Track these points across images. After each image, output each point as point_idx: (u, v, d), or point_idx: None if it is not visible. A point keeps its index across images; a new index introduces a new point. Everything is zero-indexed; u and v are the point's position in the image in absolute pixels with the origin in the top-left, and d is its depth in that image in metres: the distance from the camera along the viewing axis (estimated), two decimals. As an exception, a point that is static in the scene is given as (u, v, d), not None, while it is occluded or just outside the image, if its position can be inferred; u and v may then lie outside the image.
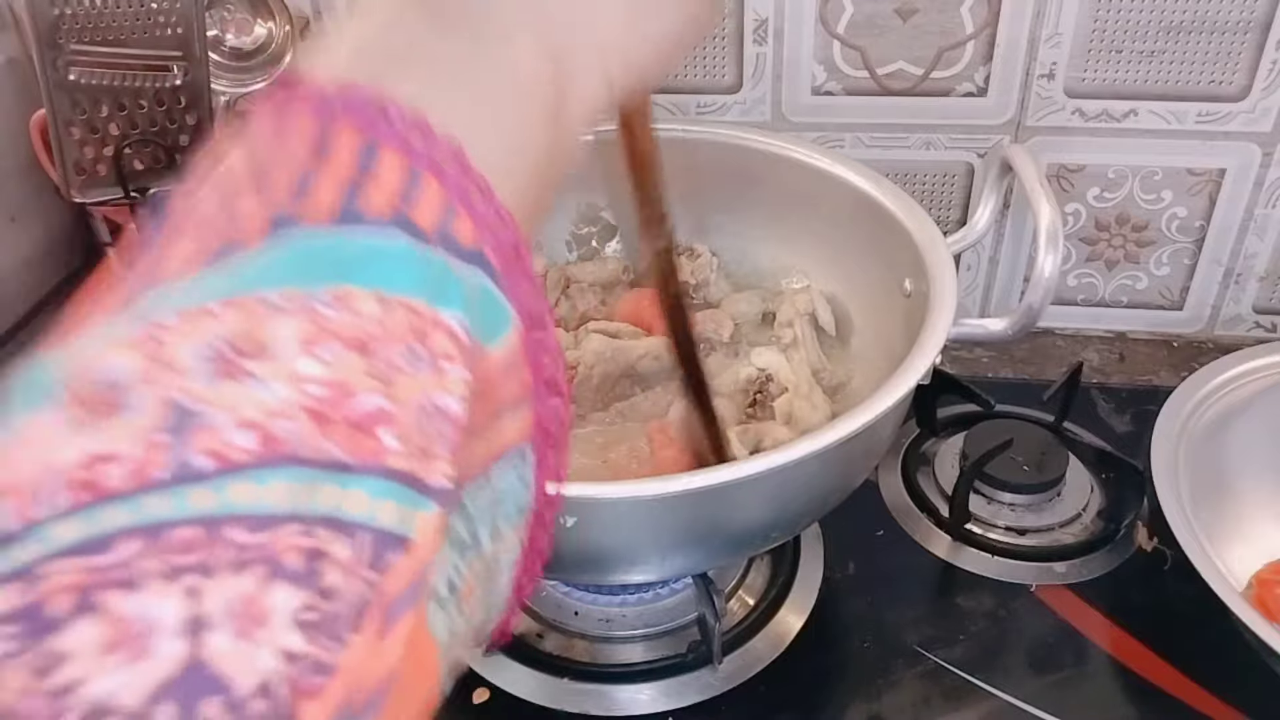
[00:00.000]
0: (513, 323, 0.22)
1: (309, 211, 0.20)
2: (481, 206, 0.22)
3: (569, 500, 0.44)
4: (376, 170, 0.21)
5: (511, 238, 0.23)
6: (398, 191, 0.21)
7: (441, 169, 0.21)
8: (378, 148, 0.21)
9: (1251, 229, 0.78)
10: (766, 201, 0.71)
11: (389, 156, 0.21)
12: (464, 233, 0.21)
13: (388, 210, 0.20)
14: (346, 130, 0.21)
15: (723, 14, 0.29)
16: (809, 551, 0.65)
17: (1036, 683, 0.57)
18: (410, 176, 0.21)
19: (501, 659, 0.59)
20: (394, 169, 0.21)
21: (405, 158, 0.21)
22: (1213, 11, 0.70)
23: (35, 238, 0.74)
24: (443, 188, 0.21)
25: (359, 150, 0.21)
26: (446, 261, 0.21)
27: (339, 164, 0.21)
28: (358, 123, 0.21)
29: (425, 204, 0.21)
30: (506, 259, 0.22)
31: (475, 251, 0.21)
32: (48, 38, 0.65)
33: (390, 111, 0.22)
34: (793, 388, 0.61)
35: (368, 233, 0.20)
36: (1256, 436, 0.64)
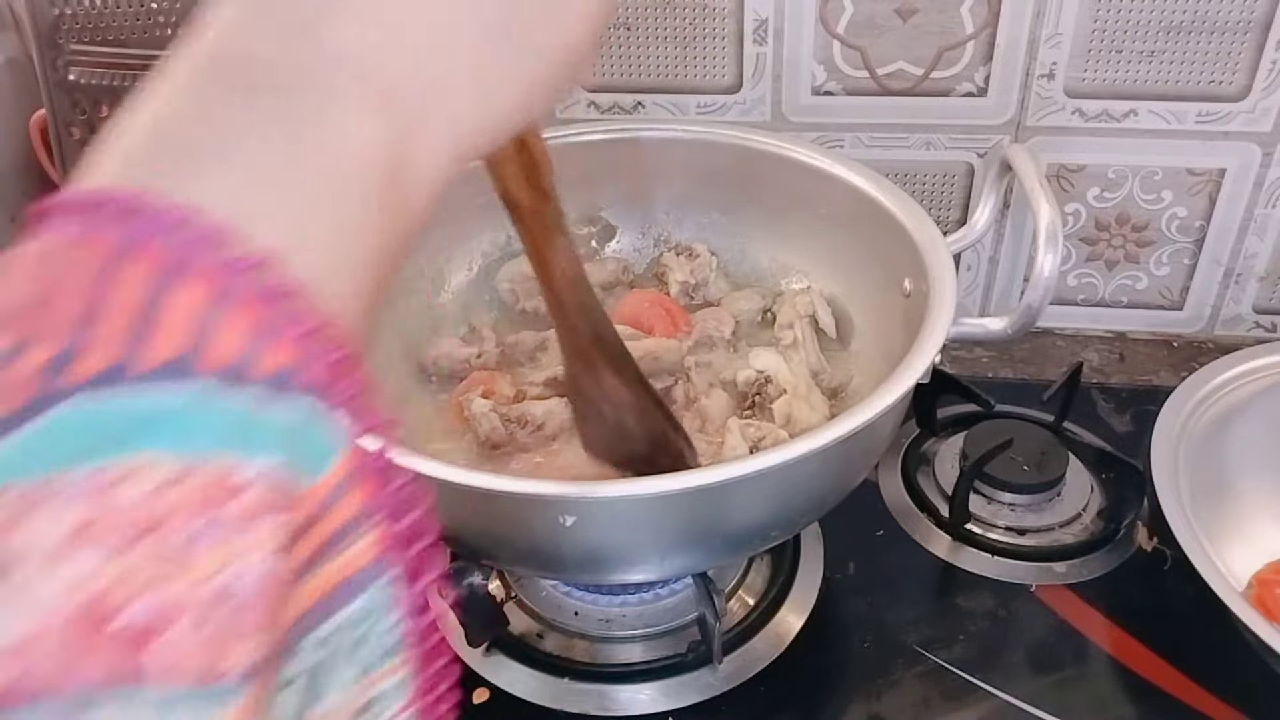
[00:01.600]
0: (343, 443, 0.20)
1: (83, 368, 0.17)
2: (299, 322, 0.19)
3: (569, 499, 0.44)
4: (169, 304, 0.18)
5: (337, 349, 0.20)
6: (193, 328, 0.18)
7: (248, 290, 0.19)
8: (171, 275, 0.18)
9: (1251, 229, 0.78)
10: (766, 201, 0.71)
11: (185, 285, 0.18)
12: (276, 360, 0.19)
13: (180, 354, 0.18)
14: (132, 256, 0.18)
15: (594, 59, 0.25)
16: (809, 551, 0.65)
17: (1036, 683, 0.57)
18: (210, 305, 0.18)
19: (501, 659, 0.59)
20: (190, 299, 0.18)
21: (204, 283, 0.18)
22: (1213, 11, 0.70)
23: (35, 238, 0.74)
24: (249, 313, 0.19)
25: (148, 281, 0.18)
26: (252, 401, 0.18)
27: (122, 302, 0.18)
28: (147, 244, 0.18)
29: (226, 337, 0.18)
30: (332, 374, 0.20)
31: (288, 376, 0.19)
32: (48, 38, 0.65)
33: (188, 225, 0.19)
34: (791, 389, 0.61)
35: (155, 387, 0.17)
36: (1256, 436, 0.64)
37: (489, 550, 0.53)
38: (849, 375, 0.65)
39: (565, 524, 0.45)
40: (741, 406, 0.62)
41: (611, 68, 0.78)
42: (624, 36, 0.77)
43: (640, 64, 0.78)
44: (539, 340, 0.67)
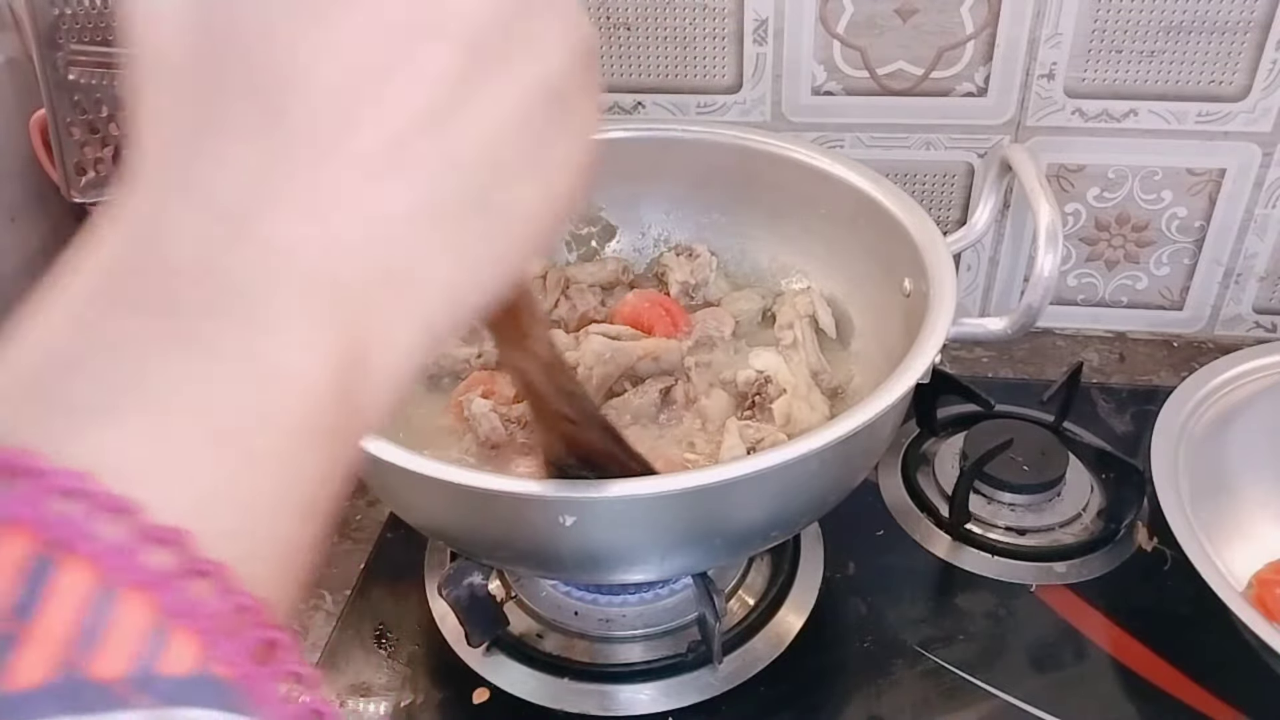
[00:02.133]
0: None
1: None
2: (211, 606, 0.16)
3: (569, 500, 0.44)
4: (42, 603, 0.15)
5: (259, 633, 0.17)
6: (73, 634, 0.15)
7: (149, 575, 0.16)
8: (51, 562, 0.15)
9: (1251, 229, 0.78)
10: (766, 201, 0.71)
11: (67, 573, 0.15)
12: (180, 658, 0.16)
13: (49, 671, 0.15)
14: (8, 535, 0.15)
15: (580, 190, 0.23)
16: (809, 551, 0.65)
17: (1036, 683, 0.57)
18: (97, 600, 0.15)
19: (501, 659, 0.59)
20: (72, 593, 0.15)
21: (92, 570, 0.15)
22: (1213, 11, 0.70)
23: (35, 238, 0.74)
24: (150, 603, 0.16)
25: (21, 571, 0.15)
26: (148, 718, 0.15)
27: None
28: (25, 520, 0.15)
29: (117, 640, 0.15)
30: (253, 662, 0.17)
31: (200, 677, 0.16)
32: (48, 38, 0.65)
33: (81, 493, 0.16)
34: (791, 389, 0.61)
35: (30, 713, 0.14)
36: (1256, 436, 0.64)
37: (489, 550, 0.53)
38: (849, 375, 0.65)
39: (565, 524, 0.45)
40: (741, 407, 0.62)
41: (611, 68, 0.78)
42: (624, 36, 0.77)
43: (640, 64, 0.78)
44: (539, 340, 0.67)
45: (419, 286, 0.21)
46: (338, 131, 0.19)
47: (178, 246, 0.18)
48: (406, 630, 0.61)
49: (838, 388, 0.64)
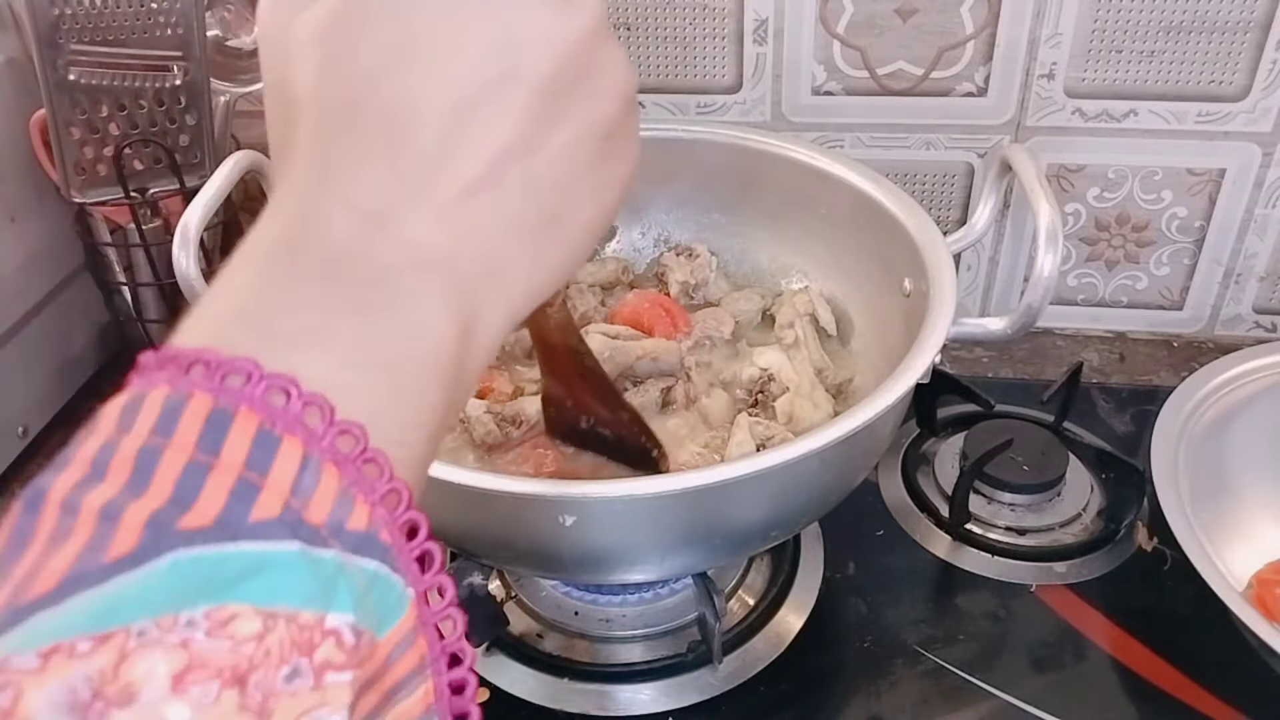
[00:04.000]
0: (408, 602, 0.21)
1: (192, 518, 0.19)
2: (378, 487, 0.22)
3: (569, 499, 0.44)
4: (272, 462, 0.20)
5: (407, 514, 0.22)
6: (291, 486, 0.20)
7: (339, 454, 0.21)
8: (275, 434, 0.20)
9: (1251, 229, 0.78)
10: (766, 201, 0.71)
11: (286, 444, 0.20)
12: (359, 519, 0.21)
13: (278, 509, 0.20)
14: (242, 413, 0.20)
15: (620, 205, 0.30)
16: (809, 551, 0.65)
17: (1036, 683, 0.57)
18: (306, 466, 0.20)
19: (501, 659, 0.59)
20: (290, 459, 0.20)
21: (303, 444, 0.21)
22: (1213, 11, 0.70)
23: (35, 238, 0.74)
24: (340, 475, 0.21)
25: (254, 438, 0.20)
26: (338, 558, 0.20)
27: (230, 458, 0.20)
28: (255, 405, 0.20)
29: (320, 496, 0.20)
30: (401, 536, 0.22)
31: (370, 536, 0.21)
32: (48, 38, 0.65)
33: (291, 392, 0.21)
34: (794, 387, 0.61)
35: (253, 540, 0.19)
36: (1256, 436, 0.64)
37: (489, 550, 0.53)
38: (852, 372, 0.65)
39: (565, 524, 0.45)
40: (747, 405, 0.62)
41: (611, 68, 0.78)
42: (624, 36, 0.77)
43: (640, 64, 0.78)
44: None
45: (508, 281, 0.26)
46: (447, 155, 0.25)
47: (335, 233, 0.24)
48: (406, 630, 0.61)
49: (842, 385, 0.64)
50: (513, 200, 0.26)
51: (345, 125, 0.25)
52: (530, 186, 0.26)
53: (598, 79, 0.27)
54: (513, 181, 0.25)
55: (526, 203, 0.26)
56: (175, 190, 0.73)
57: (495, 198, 0.25)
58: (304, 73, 0.25)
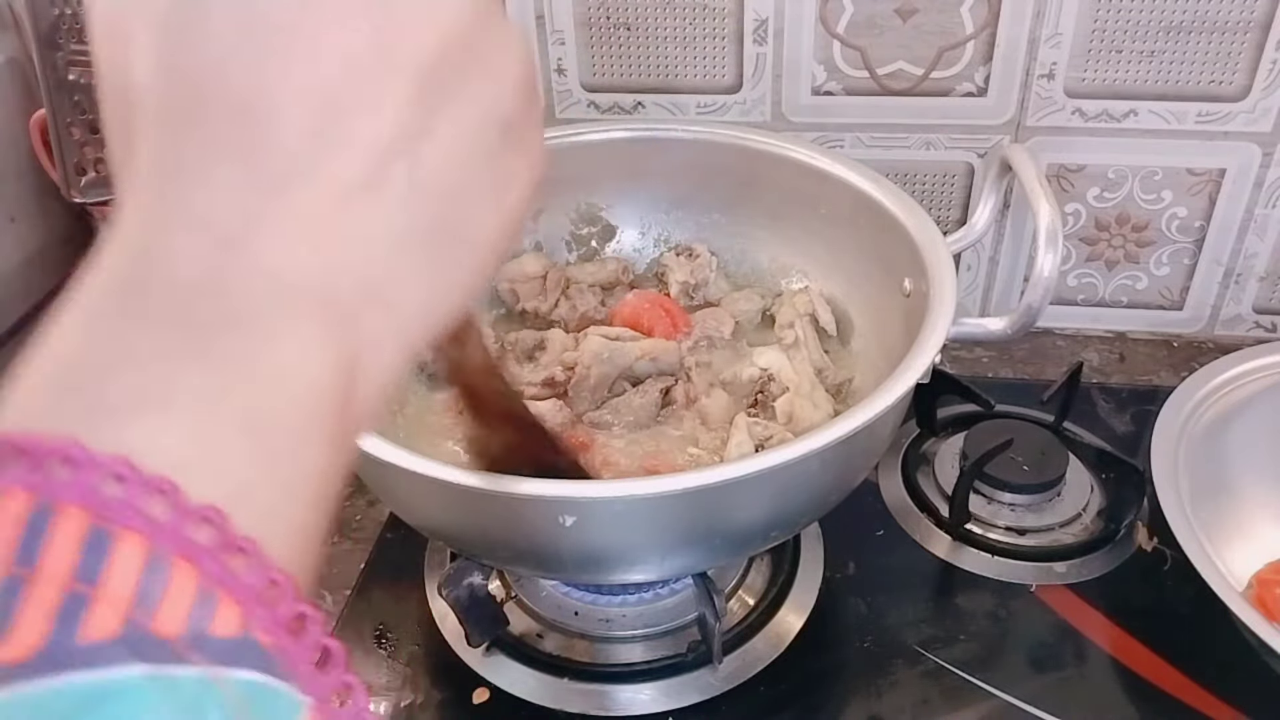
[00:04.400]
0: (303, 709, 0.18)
1: (8, 650, 0.16)
2: (249, 578, 0.18)
3: (569, 499, 0.44)
4: (106, 568, 0.17)
5: (290, 606, 0.19)
6: (132, 594, 0.17)
7: (195, 547, 0.18)
8: (108, 534, 0.17)
9: (1251, 229, 0.78)
10: (766, 201, 0.71)
11: (124, 543, 0.17)
12: (226, 623, 0.17)
13: (117, 626, 0.16)
14: (64, 512, 0.17)
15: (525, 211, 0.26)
16: (809, 551, 0.65)
17: (1036, 683, 0.57)
18: (152, 566, 0.17)
19: (501, 659, 0.59)
20: (129, 561, 0.17)
21: (145, 540, 0.17)
22: (1213, 11, 0.70)
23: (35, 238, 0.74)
24: (197, 572, 0.17)
25: (82, 542, 0.17)
26: (201, 675, 0.17)
27: (53, 567, 0.16)
28: (80, 499, 0.17)
29: (172, 603, 0.17)
30: (286, 632, 0.19)
31: (244, 641, 0.18)
32: (48, 38, 0.65)
33: (128, 476, 0.17)
34: (794, 387, 0.61)
35: (90, 668, 0.16)
36: (1256, 436, 0.64)
37: (489, 550, 0.53)
38: (852, 372, 0.65)
39: (565, 524, 0.45)
40: (747, 405, 0.62)
41: (611, 68, 0.78)
42: (624, 36, 0.77)
43: (640, 64, 0.78)
44: (537, 339, 0.67)
45: (398, 306, 0.23)
46: (311, 158, 0.21)
47: (180, 266, 0.20)
48: (406, 630, 0.61)
49: (842, 385, 0.64)
50: (396, 207, 0.22)
51: (191, 126, 0.21)
52: (416, 189, 0.22)
53: (488, 61, 0.23)
54: (395, 184, 0.22)
55: (413, 209, 0.22)
56: (175, 190, 0.73)
57: (375, 205, 0.22)
58: (143, 63, 0.21)
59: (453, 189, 0.23)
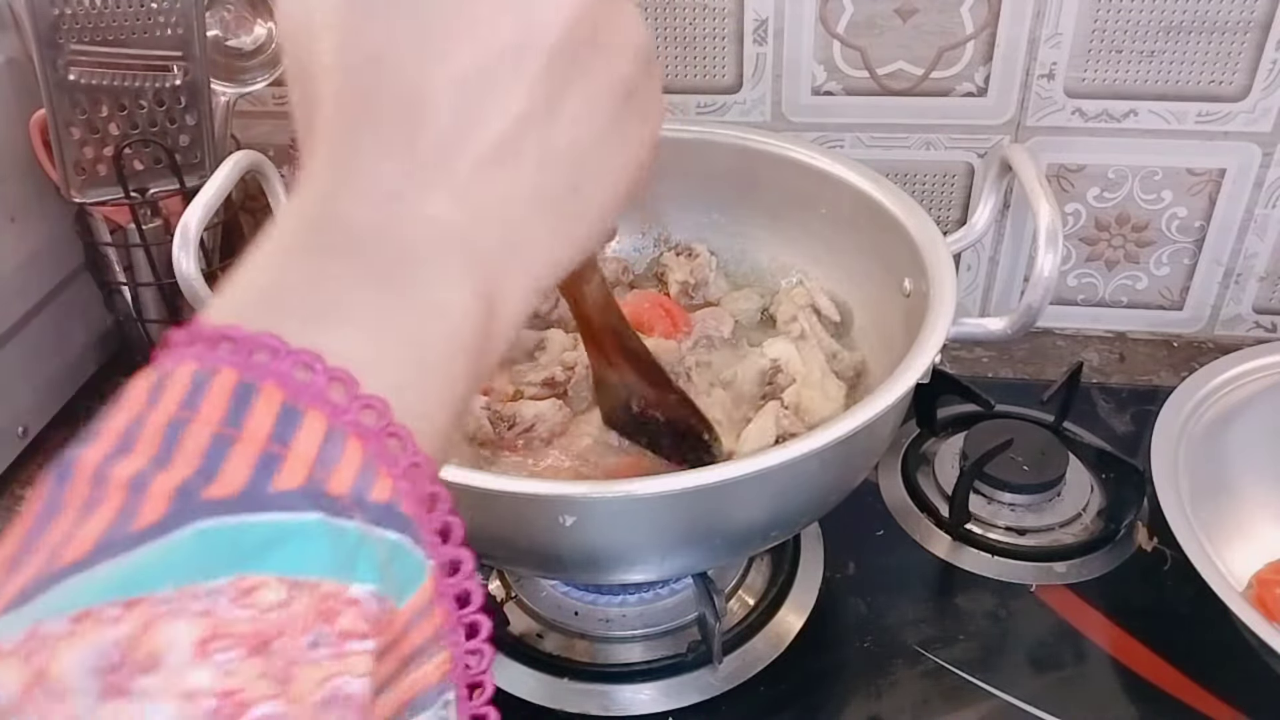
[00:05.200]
0: (427, 572, 0.22)
1: (217, 489, 0.19)
2: (401, 460, 0.22)
3: (569, 499, 0.44)
4: (295, 434, 0.20)
5: (428, 487, 0.22)
6: (315, 458, 0.20)
7: (363, 428, 0.21)
8: (299, 407, 0.21)
9: (1251, 229, 0.78)
10: (766, 201, 0.71)
11: (310, 417, 0.21)
12: (381, 491, 0.21)
13: (302, 480, 0.20)
14: (268, 387, 0.21)
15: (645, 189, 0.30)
16: (809, 551, 0.65)
17: (1036, 683, 0.57)
18: (330, 438, 0.21)
19: (501, 659, 0.59)
20: (314, 431, 0.21)
21: (327, 418, 0.21)
22: (1213, 11, 0.70)
23: (35, 238, 0.74)
24: (363, 448, 0.21)
25: (279, 411, 0.21)
26: (360, 528, 0.20)
27: (255, 430, 0.20)
28: (279, 379, 0.21)
29: (343, 468, 0.21)
30: (423, 507, 0.22)
31: (391, 508, 0.21)
32: (48, 38, 0.65)
33: (315, 367, 0.21)
34: (801, 378, 0.61)
35: (277, 511, 0.19)
36: (1256, 436, 0.64)
37: (489, 550, 0.53)
38: (862, 354, 0.65)
39: (565, 524, 0.45)
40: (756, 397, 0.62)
41: (611, 68, 0.78)
42: (624, 36, 0.77)
43: (640, 64, 0.78)
44: (537, 339, 0.67)
45: (530, 253, 0.26)
46: (463, 132, 0.25)
47: (356, 213, 0.24)
48: (406, 630, 0.61)
49: (857, 370, 0.64)
50: (530, 172, 0.26)
51: (362, 108, 0.25)
52: (549, 157, 0.26)
53: (612, 38, 0.26)
54: (529, 153, 0.25)
55: (544, 174, 0.26)
56: (175, 190, 0.73)
57: (512, 171, 0.25)
58: (321, 55, 0.25)
59: (580, 154, 0.26)
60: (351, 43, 0.25)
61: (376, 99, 0.25)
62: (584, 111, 0.26)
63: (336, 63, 0.25)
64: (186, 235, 0.55)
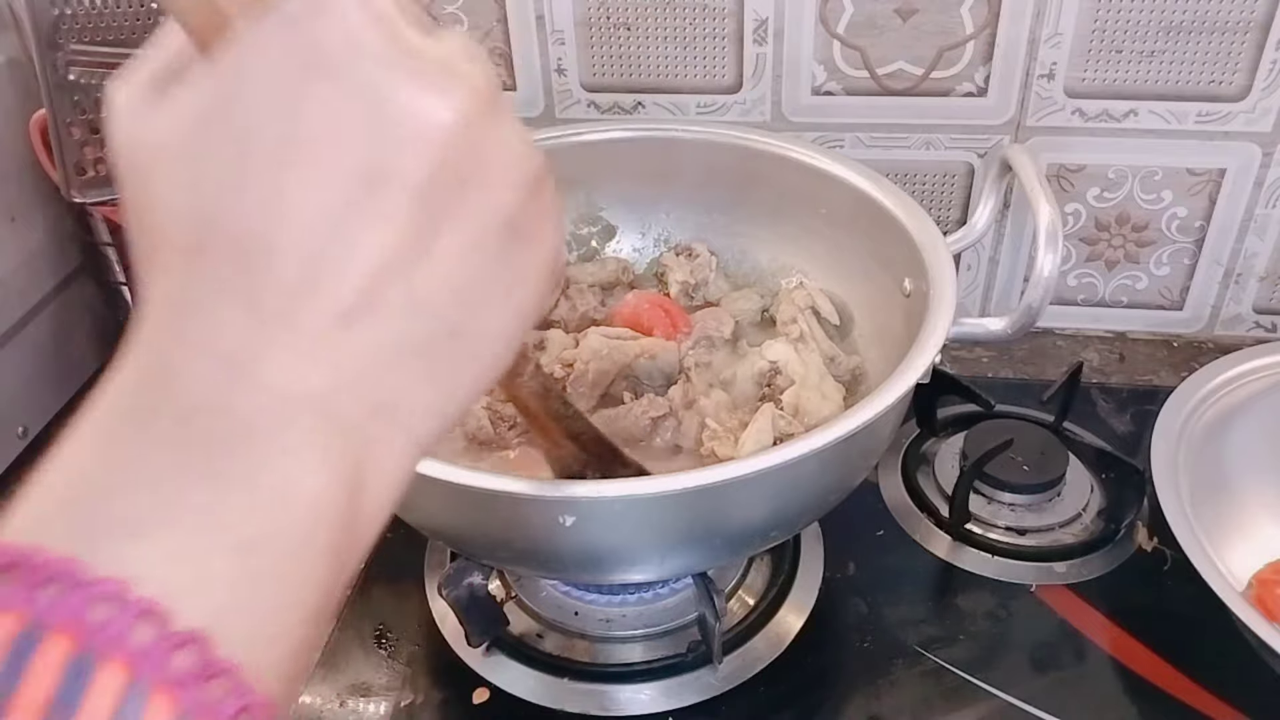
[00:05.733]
0: None
1: None
2: (225, 709, 0.18)
3: (569, 499, 0.44)
4: (82, 698, 0.17)
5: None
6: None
7: (174, 675, 0.18)
8: (92, 661, 0.17)
9: (1251, 229, 0.78)
10: (766, 201, 0.71)
11: (105, 672, 0.17)
12: None
13: None
14: (51, 637, 0.17)
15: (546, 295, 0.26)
16: (809, 551, 0.65)
17: (1036, 683, 0.57)
18: (130, 696, 0.17)
19: (501, 659, 0.59)
20: (107, 690, 0.17)
21: (126, 669, 0.17)
22: (1213, 11, 0.70)
23: (35, 238, 0.74)
24: (173, 702, 0.18)
25: (64, 669, 0.17)
26: None
27: (30, 699, 0.17)
28: (69, 623, 0.17)
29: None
30: None
31: None
32: (48, 38, 0.65)
33: (116, 599, 0.18)
34: (800, 380, 0.61)
35: None
36: (1256, 436, 0.64)
37: (489, 550, 0.53)
38: (861, 357, 0.65)
39: (565, 524, 0.45)
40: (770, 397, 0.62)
41: (611, 68, 0.78)
42: (624, 36, 0.77)
43: (640, 64, 0.78)
44: (537, 339, 0.67)
45: (405, 411, 0.23)
46: (311, 283, 0.21)
47: (188, 388, 0.21)
48: (406, 630, 0.61)
49: (855, 369, 0.64)
50: (395, 324, 0.22)
51: (197, 256, 0.21)
52: (418, 305, 0.22)
53: (487, 166, 0.23)
54: (394, 303, 0.22)
55: (415, 323, 0.23)
56: (175, 190, 0.73)
57: (375, 324, 0.22)
58: (153, 194, 0.22)
59: (456, 294, 0.23)
60: (186, 178, 0.22)
61: (215, 244, 0.21)
62: (456, 249, 0.23)
63: (171, 198, 0.22)
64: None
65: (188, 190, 0.22)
